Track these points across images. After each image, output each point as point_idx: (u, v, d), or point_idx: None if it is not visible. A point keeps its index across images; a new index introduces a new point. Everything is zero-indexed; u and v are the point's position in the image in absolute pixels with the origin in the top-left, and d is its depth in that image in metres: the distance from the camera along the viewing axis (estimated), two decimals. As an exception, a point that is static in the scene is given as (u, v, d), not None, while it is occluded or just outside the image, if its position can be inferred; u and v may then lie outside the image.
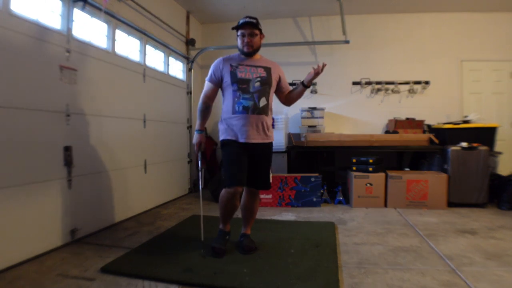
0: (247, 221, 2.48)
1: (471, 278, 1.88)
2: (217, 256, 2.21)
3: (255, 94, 2.23)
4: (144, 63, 3.69)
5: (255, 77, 2.25)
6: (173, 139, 4.38)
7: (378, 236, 2.74)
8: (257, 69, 2.28)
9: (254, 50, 2.28)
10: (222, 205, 2.31)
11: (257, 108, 2.22)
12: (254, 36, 2.25)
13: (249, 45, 2.25)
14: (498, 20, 4.77)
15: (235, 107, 2.22)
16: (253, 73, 2.26)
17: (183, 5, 4.68)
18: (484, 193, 3.67)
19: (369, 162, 3.84)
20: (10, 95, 2.10)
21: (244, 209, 2.46)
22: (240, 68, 2.26)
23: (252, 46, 2.26)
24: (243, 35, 2.25)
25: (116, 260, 2.19)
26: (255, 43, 2.27)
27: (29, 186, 2.22)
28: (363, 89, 5.05)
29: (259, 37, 2.30)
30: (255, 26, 2.24)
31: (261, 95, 2.24)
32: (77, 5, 2.66)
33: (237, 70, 2.26)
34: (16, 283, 1.86)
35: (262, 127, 2.26)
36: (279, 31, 5.08)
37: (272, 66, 2.35)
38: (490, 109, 4.77)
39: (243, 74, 2.25)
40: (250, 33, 2.24)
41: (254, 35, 2.25)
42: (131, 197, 3.37)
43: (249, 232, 2.49)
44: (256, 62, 2.32)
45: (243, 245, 2.35)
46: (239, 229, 2.53)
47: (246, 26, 2.23)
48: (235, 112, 2.22)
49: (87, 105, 2.77)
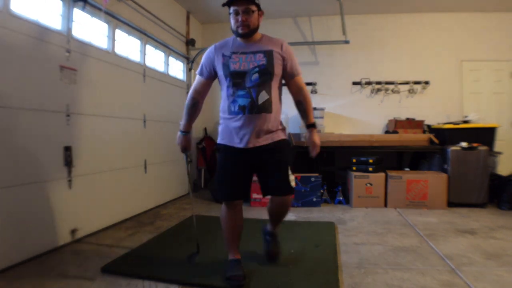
0: (274, 223, 2.19)
1: (471, 278, 1.88)
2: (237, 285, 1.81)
3: (252, 89, 1.82)
4: (144, 63, 3.69)
5: (252, 68, 1.82)
6: (173, 139, 4.29)
7: (378, 236, 2.74)
8: (255, 55, 1.84)
9: (251, 30, 1.83)
10: (222, 222, 1.99)
11: (256, 106, 1.82)
12: (250, 14, 1.79)
13: (244, 24, 1.79)
14: (498, 20, 4.77)
15: (231, 107, 1.86)
16: (249, 63, 1.83)
17: (183, 5, 4.68)
18: (484, 193, 3.67)
19: (369, 162, 3.84)
20: (10, 95, 2.10)
21: (270, 214, 2.14)
22: (234, 58, 1.85)
23: (248, 25, 1.80)
24: (237, 12, 1.80)
25: (116, 260, 2.19)
26: (252, 22, 1.81)
27: (29, 186, 2.22)
28: (363, 89, 5.05)
29: (257, 14, 1.84)
30: (251, 1, 1.78)
31: (260, 89, 1.82)
32: (77, 5, 2.66)
33: (230, 61, 1.85)
34: (16, 283, 1.86)
35: (265, 128, 1.86)
36: (279, 31, 5.07)
37: (275, 47, 1.87)
38: (490, 109, 4.77)
39: (237, 65, 1.84)
40: (245, 9, 1.78)
41: (250, 12, 1.79)
42: (131, 197, 3.37)
43: (276, 230, 2.19)
44: (255, 47, 1.87)
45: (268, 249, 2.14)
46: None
47: (240, 1, 1.77)
48: (231, 113, 1.86)
49: (87, 105, 2.77)
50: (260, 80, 1.83)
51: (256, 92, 1.83)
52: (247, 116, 1.83)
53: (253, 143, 1.86)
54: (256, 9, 1.83)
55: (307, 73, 5.08)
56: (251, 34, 1.86)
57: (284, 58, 1.90)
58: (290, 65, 1.92)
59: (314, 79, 5.09)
